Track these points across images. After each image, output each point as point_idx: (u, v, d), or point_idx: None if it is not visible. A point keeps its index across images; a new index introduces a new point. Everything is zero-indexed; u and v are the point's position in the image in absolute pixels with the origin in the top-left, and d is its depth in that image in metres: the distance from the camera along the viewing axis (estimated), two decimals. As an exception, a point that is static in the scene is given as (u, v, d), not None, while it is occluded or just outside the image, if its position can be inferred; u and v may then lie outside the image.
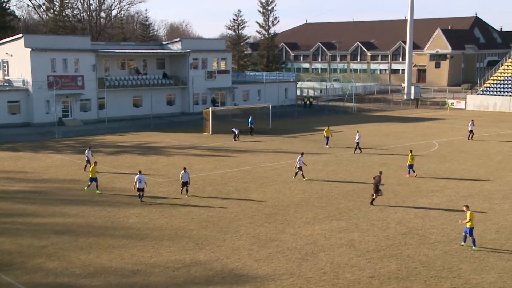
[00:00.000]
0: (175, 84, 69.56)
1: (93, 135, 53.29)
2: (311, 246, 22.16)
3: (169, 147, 46.34)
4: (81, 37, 69.84)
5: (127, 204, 28.42)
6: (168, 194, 30.42)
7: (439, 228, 24.39)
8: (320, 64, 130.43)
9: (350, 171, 36.32)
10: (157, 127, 57.99)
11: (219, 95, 73.06)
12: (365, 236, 23.29)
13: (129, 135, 53.39)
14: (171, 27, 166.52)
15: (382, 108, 78.77)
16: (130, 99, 66.27)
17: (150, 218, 25.94)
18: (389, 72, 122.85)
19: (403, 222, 25.21)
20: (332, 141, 48.71)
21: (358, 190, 31.10)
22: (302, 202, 28.75)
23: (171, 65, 71.48)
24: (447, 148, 44.85)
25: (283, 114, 68.23)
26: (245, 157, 41.53)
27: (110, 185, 32.60)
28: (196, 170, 36.33)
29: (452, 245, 22.22)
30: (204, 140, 49.94)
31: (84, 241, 22.86)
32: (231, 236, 23.43)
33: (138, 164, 38.73)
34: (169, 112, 68.99)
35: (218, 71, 72.60)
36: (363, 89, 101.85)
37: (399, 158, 40.66)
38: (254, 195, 30.07)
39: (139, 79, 66.96)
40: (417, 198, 29.36)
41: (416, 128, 57.74)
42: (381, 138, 50.83)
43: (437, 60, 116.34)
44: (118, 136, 52.68)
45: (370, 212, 26.77)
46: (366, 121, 63.98)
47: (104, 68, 66.36)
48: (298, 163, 33.46)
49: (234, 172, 35.99)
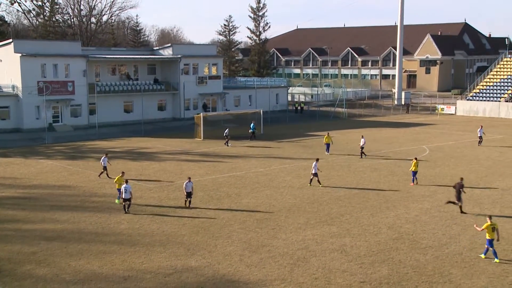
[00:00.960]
0: (166, 90, 69.48)
1: (84, 140, 53.07)
2: (302, 252, 22.15)
3: (160, 152, 46.23)
4: (71, 43, 69.68)
5: (118, 210, 28.29)
6: (160, 200, 30.32)
7: (430, 233, 24.47)
8: (311, 69, 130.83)
9: (341, 176, 36.38)
10: (148, 133, 57.85)
11: (210, 101, 73.05)
12: (357, 241, 23.32)
13: (120, 141, 53.21)
14: (162, 33, 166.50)
15: (373, 114, 79.04)
16: (121, 105, 66.11)
17: (141, 224, 25.84)
18: (379, 77, 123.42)
19: (395, 227, 25.27)
20: (323, 146, 48.81)
21: (350, 196, 31.15)
22: (293, 207, 28.75)
23: (162, 70, 71.42)
24: (437, 153, 45.06)
25: (274, 120, 68.30)
26: (237, 162, 41.51)
27: (101, 191, 32.45)
28: (188, 175, 36.18)
29: (443, 250, 22.29)
30: (196, 146, 49.88)
31: (74, 247, 22.71)
32: (222, 241, 23.38)
33: (130, 169, 38.60)
34: (160, 118, 68.86)
35: (209, 77, 72.64)
36: (354, 95, 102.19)
37: (390, 163, 40.80)
38: (245, 201, 30.03)
39: (130, 84, 66.84)
40: (408, 203, 29.45)
41: (407, 133, 57.97)
42: (372, 143, 50.98)
43: (427, 66, 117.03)
44: (109, 142, 52.48)
45: (361, 217, 26.82)
46: (357, 126, 64.17)
47: (95, 74, 66.18)
48: (313, 169, 32.99)
49: (225, 178, 35.94)
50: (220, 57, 78.96)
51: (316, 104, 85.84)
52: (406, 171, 37.63)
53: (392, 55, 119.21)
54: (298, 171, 38.10)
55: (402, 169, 38.42)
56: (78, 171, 38.21)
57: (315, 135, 56.48)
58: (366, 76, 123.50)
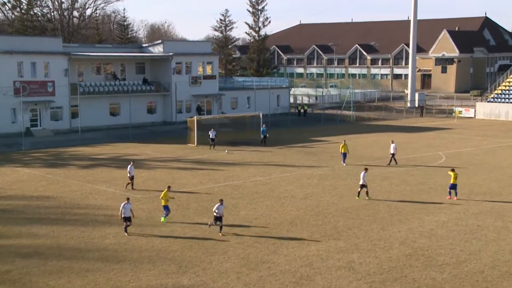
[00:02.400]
0: (156, 91, 69.53)
1: (65, 146, 53.05)
2: (306, 269, 22.11)
3: (149, 159, 46.22)
4: (51, 39, 69.70)
5: (102, 223, 28.24)
6: (149, 211, 30.28)
7: (447, 248, 24.43)
8: (316, 68, 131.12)
9: (349, 185, 36.36)
10: (136, 138, 57.85)
11: (205, 103, 73.08)
12: (366, 258, 23.28)
13: (105, 147, 53.20)
14: (151, 28, 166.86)
15: (383, 117, 79.08)
16: (106, 107, 66.12)
17: (129, 238, 25.78)
18: (391, 77, 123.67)
19: (408, 242, 25.23)
20: (329, 153, 48.83)
21: (358, 207, 31.12)
22: (296, 220, 28.72)
23: (151, 69, 71.47)
24: (455, 161, 45.07)
25: (275, 124, 68.32)
26: (234, 170, 41.49)
27: (84, 202, 32.42)
28: (180, 185, 36.22)
29: (462, 268, 22.25)
30: (189, 152, 49.88)
31: (54, 264, 22.65)
32: (218, 257, 23.33)
33: (116, 178, 38.55)
34: (149, 121, 68.84)
35: (203, 76, 72.70)
36: (362, 96, 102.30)
37: (402, 171, 40.80)
38: (243, 213, 30.00)
39: (116, 85, 66.89)
40: (423, 216, 29.42)
41: (421, 139, 58.01)
42: (382, 149, 50.97)
43: (443, 65, 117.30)
44: (93, 148, 52.48)
45: (371, 231, 26.79)
46: (366, 131, 64.18)
47: (78, 73, 66.22)
48: (361, 179, 32.46)
49: (221, 187, 35.92)
50: (216, 55, 79.07)
51: (321, 107, 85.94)
52: (419, 180, 37.63)
53: (404, 53, 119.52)
54: (301, 180, 38.09)
55: (415, 178, 38.41)
56: (59, 180, 38.16)
57: (320, 141, 56.49)
58: (375, 76, 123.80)
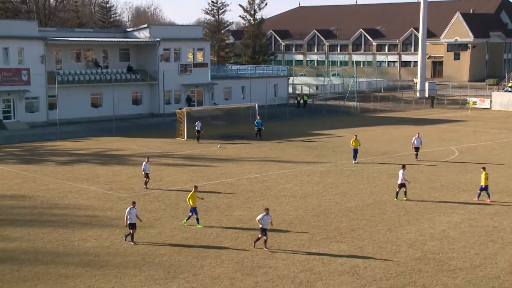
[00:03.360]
0: (142, 80, 69.37)
1: (42, 141, 52.91)
2: (306, 274, 22.11)
3: (135, 155, 46.14)
4: (26, 22, 69.44)
5: (83, 224, 28.19)
6: (134, 212, 30.23)
7: (460, 252, 24.47)
8: (316, 55, 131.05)
9: (352, 183, 36.38)
10: (120, 131, 57.74)
11: (196, 93, 72.97)
12: (372, 262, 23.30)
13: (86, 141, 53.08)
14: (137, 11, 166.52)
15: (390, 108, 79.08)
16: (87, 98, 65.96)
17: (112, 241, 25.74)
18: (398, 65, 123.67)
19: (417, 245, 25.25)
20: (331, 147, 48.84)
21: (363, 207, 31.14)
22: (295, 220, 28.72)
23: (137, 56, 71.30)
24: (468, 156, 45.12)
25: (273, 116, 68.25)
26: (227, 167, 41.46)
27: (62, 202, 32.35)
28: (168, 183, 36.16)
29: (476, 273, 22.28)
30: (178, 147, 49.82)
31: (29, 270, 22.59)
32: (210, 262, 23.32)
33: (98, 176, 38.48)
34: (135, 113, 68.74)
35: (194, 64, 72.54)
36: (367, 86, 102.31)
37: (411, 167, 40.81)
38: (237, 213, 29.98)
39: (98, 73, 66.71)
40: (434, 216, 29.45)
41: (431, 132, 58.05)
42: (389, 143, 51.00)
43: (456, 51, 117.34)
44: (73, 143, 52.36)
45: (377, 232, 26.81)
46: (371, 124, 64.18)
47: (55, 60, 66.01)
48: (400, 178, 32.19)
49: (213, 185, 35.89)
50: (207, 41, 78.85)
51: (322, 97, 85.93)
52: (430, 178, 37.67)
53: (413, 38, 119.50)
54: (300, 177, 38.09)
55: (425, 175, 38.45)
56: (35, 178, 38.07)
57: (321, 134, 56.49)
58: (382, 64, 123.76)
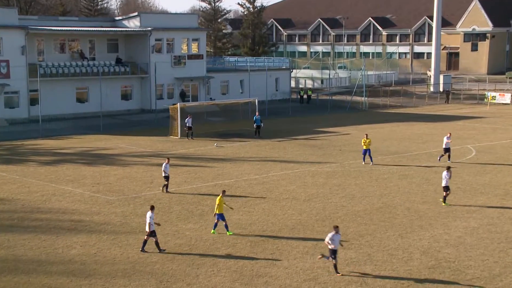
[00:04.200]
0: (132, 73, 69.36)
1: (23, 139, 52.88)
2: (310, 283, 22.11)
3: (124, 154, 46.13)
4: (4, 10, 69.26)
5: (68, 229, 28.17)
6: (123, 216, 30.23)
7: (478, 260, 24.46)
8: (321, 46, 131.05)
9: (360, 185, 36.38)
10: (108, 129, 57.72)
11: (190, 87, 72.97)
12: (381, 270, 23.30)
13: (71, 140, 53.05)
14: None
15: (401, 104, 79.06)
16: (72, 92, 65.93)
17: (99, 248, 25.72)
18: (410, 56, 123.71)
19: (431, 252, 25.25)
20: (337, 146, 48.84)
21: (372, 210, 31.14)
22: (298, 225, 28.71)
23: (126, 47, 71.28)
24: (487, 156, 45.11)
25: (274, 112, 68.21)
26: (224, 167, 41.45)
27: (45, 205, 32.33)
28: (160, 185, 36.12)
29: (495, 283, 22.28)
30: (171, 146, 49.81)
31: (8, 280, 22.57)
32: (206, 270, 23.32)
33: (84, 176, 38.45)
34: (124, 109, 68.75)
35: (188, 56, 72.57)
36: (377, 79, 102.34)
37: (424, 168, 40.79)
38: (236, 217, 29.96)
39: (84, 65, 66.68)
40: (449, 221, 29.44)
41: (446, 129, 57.92)
42: (400, 142, 50.98)
43: (473, 41, 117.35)
44: (57, 141, 52.34)
45: (387, 239, 26.81)
46: (381, 120, 64.15)
47: (37, 51, 65.98)
48: (444, 180, 32.08)
49: (209, 187, 35.89)
50: (203, 31, 78.88)
51: (327, 92, 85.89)
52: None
53: (427, 27, 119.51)
54: (304, 178, 38.09)
55: (439, 176, 38.26)
56: (15, 179, 38.05)
57: (326, 132, 56.48)
58: (392, 55, 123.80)
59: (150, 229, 25.05)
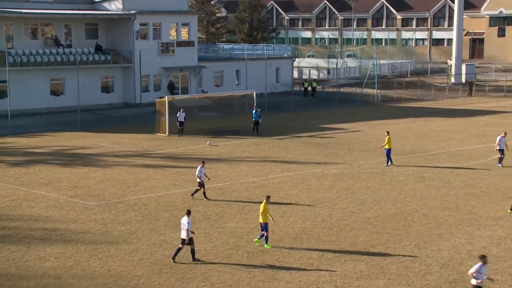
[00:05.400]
0: (113, 62, 69.29)
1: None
2: (315, 300, 22.12)
3: (105, 154, 46.11)
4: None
5: (41, 239, 28.13)
6: (104, 223, 30.20)
7: (506, 273, 24.46)
8: (328, 32, 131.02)
9: (371, 188, 36.38)
10: (87, 125, 57.66)
11: (180, 78, 72.91)
12: (395, 285, 23.33)
13: (44, 137, 53.00)
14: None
15: (418, 97, 79.05)
16: (46, 84, 65.85)
17: (77, 260, 25.69)
18: (429, 43, 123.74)
19: (451, 265, 25.25)
20: (346, 145, 48.85)
21: (385, 217, 31.13)
22: (302, 234, 28.71)
23: (107, 33, 71.17)
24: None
25: (274, 106, 68.16)
26: (219, 168, 41.43)
27: (15, 212, 32.28)
28: (146, 188, 36.12)
29: (523, 297, 22.30)
30: (158, 144, 49.79)
31: (-24, 295, 22.57)
32: (197, 285, 23.33)
33: (60, 179, 38.40)
34: (105, 103, 68.66)
35: (177, 43, 72.45)
36: (390, 69, 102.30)
37: (444, 170, 40.80)
38: (231, 225, 29.96)
39: (59, 53, 66.58)
40: (472, 229, 29.44)
41: (469, 126, 58.04)
42: (417, 140, 50.97)
43: (500, 25, 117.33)
44: (29, 139, 52.30)
45: (402, 249, 26.81)
46: (395, 116, 64.13)
47: (6, 37, 65.91)
48: None
49: (201, 191, 35.85)
50: (194, 14, 78.79)
51: (335, 83, 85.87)
52: (467, 182, 37.64)
53: (447, 10, 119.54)
54: (308, 181, 38.10)
55: (461, 179, 38.44)
56: (-18, 182, 38.04)
57: (333, 129, 56.47)
58: (408, 42, 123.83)
59: (187, 236, 25.18)
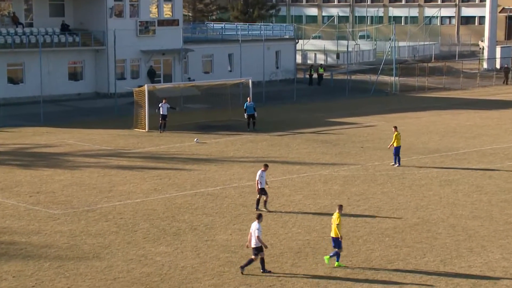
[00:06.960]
0: (83, 44, 69.29)
1: None
2: (323, 326, 22.15)
3: (73, 153, 46.10)
4: None
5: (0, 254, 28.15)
6: (72, 235, 30.17)
7: (546, 292, 24.51)
8: (337, 9, 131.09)
9: (388, 194, 36.38)
10: (51, 119, 57.63)
11: (161, 63, 72.88)
12: (418, 308, 23.37)
13: (1, 134, 52.96)
14: None
15: (444, 85, 79.12)
16: (2, 70, 65.81)
17: (39, 280, 25.67)
18: (456, 22, 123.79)
19: (484, 284, 25.26)
20: (358, 142, 48.87)
21: (404, 228, 31.13)
22: (306, 248, 28.72)
23: (75, 10, 71.15)
24: (557, 154, 45.22)
25: (274, 96, 68.18)
26: (208, 170, 41.44)
27: (-33, 221, 32.29)
28: (122, 194, 36.10)
29: None
30: (136, 142, 49.78)
31: None
32: (182, 309, 23.32)
33: (19, 183, 38.34)
34: (73, 93, 68.73)
35: (159, 21, 72.40)
36: (411, 52, 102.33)
37: (474, 172, 40.81)
38: (222, 237, 29.97)
39: (18, 34, 66.55)
40: (508, 242, 29.45)
41: (504, 119, 58.11)
42: (442, 137, 51.00)
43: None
44: (-17, 135, 52.35)
45: (424, 265, 26.81)
46: (417, 108, 64.16)
47: (-44, 15, 65.95)
48: None
49: (188, 197, 35.87)
50: (178, -13, 78.83)
51: (345, 70, 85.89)
52: (502, 187, 37.65)
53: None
54: (314, 185, 38.11)
55: (495, 183, 38.45)
56: None
57: (343, 123, 56.51)
58: (432, 20, 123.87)
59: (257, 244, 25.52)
